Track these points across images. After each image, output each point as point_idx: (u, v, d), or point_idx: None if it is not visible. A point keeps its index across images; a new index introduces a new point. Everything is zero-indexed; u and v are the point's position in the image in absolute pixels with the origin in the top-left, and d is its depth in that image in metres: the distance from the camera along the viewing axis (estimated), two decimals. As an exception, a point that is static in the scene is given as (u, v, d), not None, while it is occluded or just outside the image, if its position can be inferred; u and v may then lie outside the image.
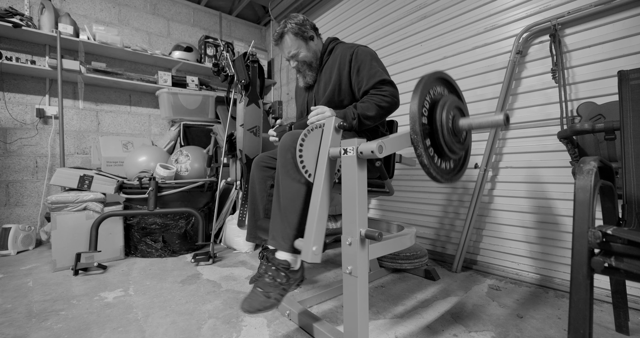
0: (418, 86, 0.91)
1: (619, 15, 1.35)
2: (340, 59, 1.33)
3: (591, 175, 0.71)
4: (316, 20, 2.96)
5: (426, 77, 0.94)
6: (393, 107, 1.25)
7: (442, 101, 0.95)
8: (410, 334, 1.09)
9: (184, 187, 2.09)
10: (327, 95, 1.36)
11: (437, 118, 0.93)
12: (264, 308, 0.95)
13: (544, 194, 1.54)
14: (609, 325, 1.14)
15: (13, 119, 2.40)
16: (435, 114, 0.93)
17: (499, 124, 0.87)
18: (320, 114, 1.19)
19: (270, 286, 0.99)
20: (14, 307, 1.30)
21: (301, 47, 1.36)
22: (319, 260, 0.95)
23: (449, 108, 0.94)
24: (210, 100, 2.82)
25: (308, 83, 1.44)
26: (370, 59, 1.28)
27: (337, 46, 1.40)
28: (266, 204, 1.33)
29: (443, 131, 0.93)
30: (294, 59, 1.38)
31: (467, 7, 1.83)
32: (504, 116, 0.85)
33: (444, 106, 0.94)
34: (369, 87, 1.25)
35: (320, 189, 0.94)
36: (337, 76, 1.33)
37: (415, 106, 0.88)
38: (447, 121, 0.93)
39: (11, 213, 2.39)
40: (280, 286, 1.00)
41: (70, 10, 2.63)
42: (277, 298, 0.98)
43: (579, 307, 0.68)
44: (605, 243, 0.69)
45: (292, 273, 1.04)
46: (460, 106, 1.00)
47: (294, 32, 1.33)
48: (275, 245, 1.06)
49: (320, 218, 0.95)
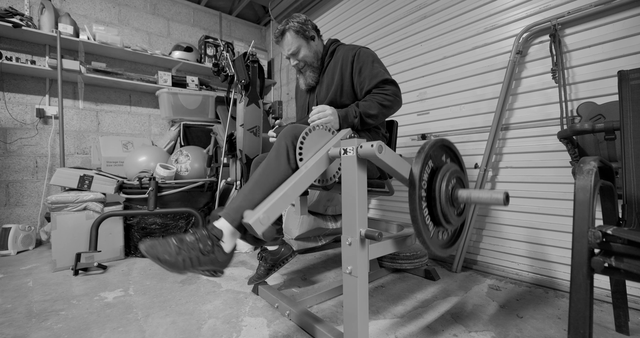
0: (421, 152, 0.92)
1: (619, 15, 1.35)
2: (342, 60, 1.34)
3: (591, 175, 0.71)
4: (316, 20, 2.96)
5: (430, 143, 0.95)
6: (395, 105, 1.25)
7: (444, 169, 0.96)
8: (410, 334, 1.09)
9: (184, 187, 2.09)
10: (329, 96, 1.36)
11: (437, 186, 0.93)
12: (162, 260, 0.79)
13: (544, 194, 1.54)
14: (609, 325, 1.14)
15: (13, 119, 2.40)
16: (435, 181, 0.93)
17: (498, 203, 0.85)
18: (321, 112, 1.19)
19: (186, 245, 0.83)
20: (14, 307, 1.30)
21: (302, 46, 1.36)
22: (260, 230, 0.81)
23: (450, 177, 0.94)
24: (210, 100, 2.82)
25: (310, 84, 1.44)
26: (372, 60, 1.29)
27: (338, 48, 1.41)
28: None
29: (441, 199, 0.92)
30: (294, 57, 1.38)
31: (467, 7, 1.83)
32: (503, 195, 0.84)
33: (445, 175, 0.94)
34: (371, 87, 1.26)
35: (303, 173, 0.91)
36: (340, 78, 1.34)
37: (417, 170, 0.88)
38: (446, 190, 0.93)
39: (11, 213, 2.39)
40: (197, 251, 0.83)
41: (70, 10, 2.63)
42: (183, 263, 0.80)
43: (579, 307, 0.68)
44: (605, 243, 0.69)
45: (218, 249, 0.87)
46: (461, 176, 1.00)
47: (295, 30, 1.34)
48: (223, 214, 0.91)
49: (286, 195, 0.87)
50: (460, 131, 1.88)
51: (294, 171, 0.99)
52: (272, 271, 1.37)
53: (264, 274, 1.36)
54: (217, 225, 0.89)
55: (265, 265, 1.36)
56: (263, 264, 1.36)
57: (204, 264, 0.84)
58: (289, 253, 1.39)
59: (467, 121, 1.85)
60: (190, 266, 0.81)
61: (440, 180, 0.93)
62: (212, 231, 0.88)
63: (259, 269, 1.37)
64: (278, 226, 1.36)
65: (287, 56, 1.40)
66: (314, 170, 0.94)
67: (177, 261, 0.80)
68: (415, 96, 2.10)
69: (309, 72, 1.41)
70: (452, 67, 1.90)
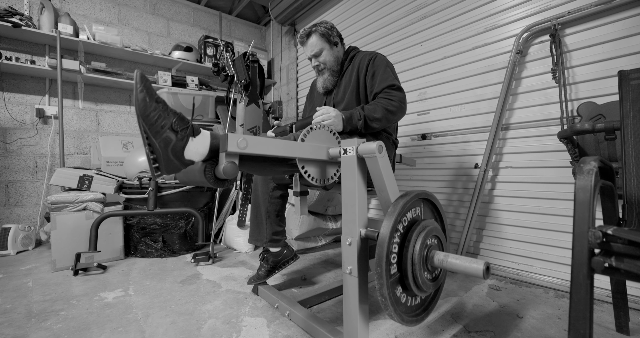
0: (397, 204, 0.80)
1: (619, 15, 1.35)
2: (360, 64, 1.38)
3: (591, 175, 0.71)
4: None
5: (411, 196, 0.84)
6: (399, 112, 1.27)
7: (421, 226, 0.84)
8: (410, 334, 1.09)
9: (183, 187, 2.09)
10: (346, 98, 1.40)
11: (410, 248, 0.80)
12: None
13: (544, 194, 1.54)
14: (609, 325, 1.14)
15: (13, 119, 2.39)
16: (409, 241, 0.81)
17: (476, 274, 0.72)
18: (325, 113, 1.20)
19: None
20: (14, 307, 1.30)
21: (324, 49, 1.40)
22: (231, 152, 0.78)
23: (426, 237, 0.82)
24: (210, 100, 2.82)
25: (327, 88, 1.47)
26: (385, 66, 1.34)
27: (357, 54, 1.45)
28: (268, 207, 1.34)
29: (414, 262, 0.80)
30: (315, 58, 1.43)
31: (467, 7, 1.83)
32: (484, 267, 0.71)
33: (420, 234, 0.82)
34: (379, 90, 1.29)
35: None
36: (356, 81, 1.38)
37: (388, 229, 0.76)
38: (420, 253, 0.80)
39: (11, 213, 2.39)
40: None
41: (70, 10, 2.63)
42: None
43: (579, 307, 0.68)
44: (606, 243, 0.69)
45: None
46: (440, 236, 0.88)
47: (321, 33, 1.39)
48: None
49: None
50: (460, 131, 1.88)
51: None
52: (272, 273, 1.37)
53: (265, 275, 1.36)
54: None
55: (267, 266, 1.36)
56: (264, 265, 1.36)
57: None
58: (291, 255, 1.40)
59: (467, 121, 1.84)
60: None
61: (415, 240, 0.81)
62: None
63: (259, 270, 1.37)
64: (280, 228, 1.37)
65: (309, 56, 1.44)
66: None
67: None
68: (416, 96, 2.10)
69: (328, 75, 1.45)
70: (452, 67, 1.90)
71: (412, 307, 0.87)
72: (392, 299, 0.78)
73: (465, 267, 0.74)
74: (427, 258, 0.82)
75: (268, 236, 1.34)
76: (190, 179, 0.82)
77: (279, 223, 1.37)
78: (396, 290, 0.80)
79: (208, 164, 0.77)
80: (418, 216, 0.88)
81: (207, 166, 0.77)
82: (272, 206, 1.34)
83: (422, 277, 0.81)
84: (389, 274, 0.77)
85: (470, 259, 0.75)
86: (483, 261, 0.73)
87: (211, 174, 0.77)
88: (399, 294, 0.81)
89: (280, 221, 1.37)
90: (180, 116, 0.74)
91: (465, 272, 0.74)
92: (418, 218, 0.88)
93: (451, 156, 1.93)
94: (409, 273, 0.80)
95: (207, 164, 0.77)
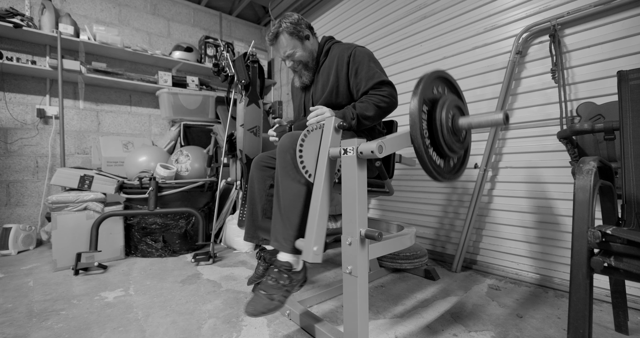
0: (418, 85, 0.91)
1: (618, 16, 1.35)
2: (338, 60, 1.33)
3: (591, 175, 0.72)
4: (316, 21, 2.97)
5: (426, 77, 0.94)
6: (391, 107, 1.25)
7: (442, 100, 0.95)
8: (410, 334, 1.10)
9: (184, 187, 2.09)
10: (324, 96, 1.36)
11: (437, 117, 0.93)
12: (267, 310, 0.95)
13: (544, 194, 1.55)
14: (608, 324, 1.14)
15: (14, 119, 2.40)
16: (435, 113, 0.93)
17: (498, 123, 0.86)
18: (319, 114, 1.19)
19: (273, 289, 0.99)
20: (15, 307, 1.30)
21: (297, 47, 1.34)
22: (320, 259, 0.95)
23: (449, 107, 0.94)
24: (210, 100, 2.82)
25: (304, 83, 1.43)
26: (368, 60, 1.28)
27: (333, 46, 1.39)
28: (264, 204, 1.33)
29: (443, 130, 0.92)
30: (289, 59, 1.37)
31: (467, 7, 1.83)
32: (503, 115, 0.84)
33: (444, 105, 0.94)
34: (367, 88, 1.26)
35: (321, 190, 0.94)
36: (335, 78, 1.33)
37: (415, 105, 0.88)
38: (446, 120, 0.93)
39: (12, 213, 2.39)
40: (284, 288, 1.00)
41: (71, 11, 2.63)
42: (281, 300, 0.98)
43: (579, 306, 0.68)
44: (605, 243, 0.69)
45: (295, 274, 1.04)
46: (460, 105, 1.00)
47: (289, 31, 1.31)
48: (277, 246, 1.06)
49: (321, 218, 0.95)
50: (460, 131, 1.88)
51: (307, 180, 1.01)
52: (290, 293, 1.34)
53: (263, 274, 1.35)
54: (282, 259, 1.05)
55: (264, 265, 1.35)
56: (262, 263, 1.36)
57: (293, 290, 1.03)
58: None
59: (467, 121, 1.85)
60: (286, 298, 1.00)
61: (440, 111, 0.93)
62: (282, 267, 1.03)
63: (257, 269, 1.37)
64: None
65: (282, 58, 1.39)
66: (327, 182, 0.95)
67: (277, 304, 0.97)
68: (415, 96, 2.10)
69: (304, 70, 1.40)
70: (452, 67, 1.90)
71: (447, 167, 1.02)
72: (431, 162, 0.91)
73: (487, 120, 0.88)
74: (453, 124, 0.94)
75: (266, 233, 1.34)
76: None
77: None
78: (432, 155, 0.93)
79: None
80: (438, 94, 0.99)
81: None
82: (268, 204, 1.32)
83: (451, 140, 0.95)
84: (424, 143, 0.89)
85: (489, 113, 0.88)
86: (502, 111, 0.86)
87: None
88: (434, 158, 0.94)
89: None
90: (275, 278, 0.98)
91: (488, 124, 0.88)
92: (438, 96, 0.99)
93: (451, 156, 1.93)
94: (440, 138, 0.93)
95: None
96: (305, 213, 1.02)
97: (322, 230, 0.96)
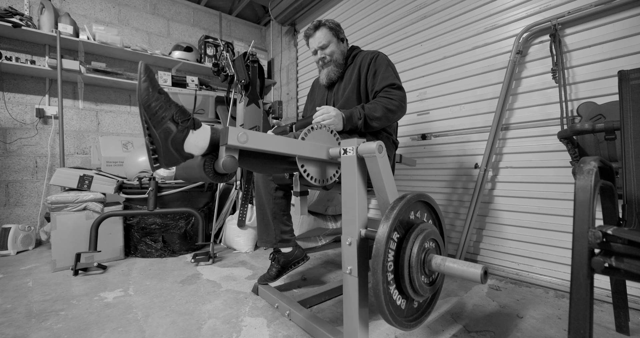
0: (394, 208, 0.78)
1: (619, 15, 1.35)
2: (361, 63, 1.40)
3: (591, 175, 0.71)
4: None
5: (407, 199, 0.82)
6: (400, 111, 1.27)
7: (419, 229, 0.82)
8: (410, 334, 1.09)
9: (183, 187, 2.09)
10: (346, 95, 1.40)
11: (407, 252, 0.79)
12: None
13: (544, 194, 1.54)
14: (609, 325, 1.14)
15: (13, 119, 2.39)
16: (407, 244, 0.79)
17: (474, 279, 0.71)
18: (325, 114, 1.20)
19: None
20: (14, 307, 1.30)
21: (332, 42, 1.41)
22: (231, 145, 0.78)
23: (424, 240, 0.81)
24: (210, 100, 2.82)
25: (331, 79, 1.46)
26: (386, 64, 1.34)
27: (359, 53, 1.46)
28: (273, 207, 1.34)
29: (411, 267, 0.78)
30: (322, 50, 1.42)
31: (467, 7, 1.83)
32: (481, 271, 0.70)
33: (418, 237, 0.81)
34: (379, 89, 1.30)
35: None
36: (357, 79, 1.39)
37: (384, 232, 0.75)
38: (417, 257, 0.79)
39: (11, 213, 2.39)
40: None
41: (70, 10, 2.63)
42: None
43: (579, 307, 0.68)
44: (606, 243, 0.69)
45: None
46: (438, 239, 0.86)
47: (330, 27, 1.40)
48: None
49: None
50: (460, 131, 1.88)
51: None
52: (283, 273, 1.38)
53: (275, 275, 1.36)
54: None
55: (277, 267, 1.36)
56: (275, 265, 1.37)
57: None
58: (302, 256, 1.40)
59: (467, 121, 1.84)
60: None
61: (412, 244, 0.79)
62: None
63: (270, 270, 1.38)
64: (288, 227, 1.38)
65: (315, 48, 1.43)
66: None
67: None
68: (416, 96, 2.10)
69: (333, 66, 1.44)
70: (452, 67, 1.90)
71: (409, 310, 0.85)
72: (388, 303, 0.76)
73: (463, 271, 0.73)
74: (424, 262, 0.81)
75: (277, 236, 1.35)
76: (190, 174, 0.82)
77: (286, 223, 1.37)
78: (392, 294, 0.79)
79: (208, 159, 0.77)
80: (416, 219, 0.87)
81: (206, 160, 0.77)
82: (277, 207, 1.34)
83: (419, 281, 0.79)
84: (385, 278, 0.76)
85: (468, 263, 0.74)
86: (481, 265, 0.72)
87: (211, 168, 0.77)
88: (395, 297, 0.79)
89: (287, 220, 1.38)
90: (182, 108, 0.74)
91: (463, 277, 0.73)
92: (416, 221, 0.87)
93: (451, 156, 1.93)
94: (405, 277, 0.78)
95: (207, 159, 0.77)
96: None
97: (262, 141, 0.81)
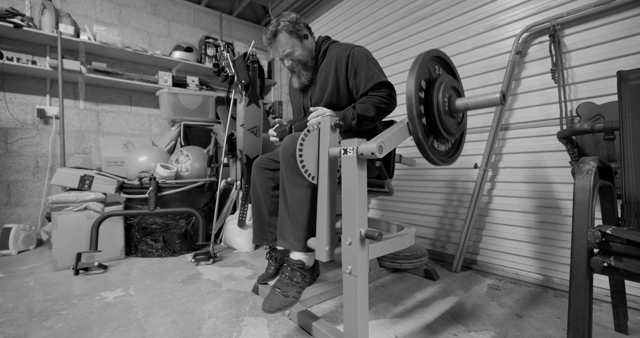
0: (415, 65, 0.90)
1: (618, 16, 1.35)
2: (337, 60, 1.31)
3: (590, 175, 0.72)
4: (316, 21, 2.97)
5: (422, 56, 0.93)
6: (390, 107, 1.26)
7: (439, 81, 0.95)
8: (410, 334, 1.10)
9: (184, 187, 2.09)
10: (325, 99, 1.34)
11: (434, 99, 0.92)
12: (283, 307, 1.01)
13: (544, 194, 1.55)
14: (608, 324, 1.14)
15: (14, 119, 2.40)
16: (432, 94, 0.93)
17: (495, 103, 0.86)
18: (320, 115, 1.19)
19: (287, 286, 1.05)
20: (15, 307, 1.30)
21: (296, 46, 1.31)
22: (333, 257, 0.98)
23: (445, 88, 0.93)
24: (210, 100, 2.83)
25: (303, 83, 1.40)
26: (367, 61, 1.27)
27: (331, 46, 1.38)
28: (270, 206, 1.34)
29: (439, 111, 0.92)
30: (288, 58, 1.34)
31: (466, 7, 1.83)
32: (500, 95, 0.84)
33: (440, 86, 0.93)
34: (367, 90, 1.25)
35: (326, 191, 0.95)
36: (335, 79, 1.31)
37: (412, 86, 0.87)
38: (443, 102, 0.92)
39: (12, 213, 2.39)
40: (297, 285, 1.06)
41: (71, 11, 2.63)
42: (295, 296, 1.04)
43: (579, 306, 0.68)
44: (605, 243, 0.69)
45: (307, 271, 1.09)
46: (456, 85, 1.00)
47: (288, 30, 1.29)
48: (288, 246, 1.09)
49: (330, 219, 0.97)
50: (460, 131, 1.88)
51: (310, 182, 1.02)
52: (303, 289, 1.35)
53: (274, 273, 1.36)
54: (294, 258, 1.09)
55: (275, 265, 1.36)
56: (273, 263, 1.37)
57: (306, 286, 1.09)
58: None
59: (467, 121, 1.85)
60: (300, 294, 1.06)
61: (437, 92, 0.92)
62: (295, 265, 1.08)
63: (268, 268, 1.38)
64: None
65: (281, 57, 1.35)
66: (331, 182, 0.96)
67: (292, 300, 1.03)
68: (415, 96, 2.10)
69: (303, 70, 1.38)
70: (452, 67, 1.90)
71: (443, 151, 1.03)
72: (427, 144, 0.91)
73: (483, 100, 0.88)
74: (449, 105, 0.94)
75: (274, 234, 1.34)
76: None
77: None
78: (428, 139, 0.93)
79: None
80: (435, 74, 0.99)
81: None
82: (274, 205, 1.34)
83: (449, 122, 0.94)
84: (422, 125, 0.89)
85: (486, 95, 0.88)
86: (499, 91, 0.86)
87: None
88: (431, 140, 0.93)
89: None
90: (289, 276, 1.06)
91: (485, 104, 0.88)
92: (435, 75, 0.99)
93: (451, 156, 1.93)
94: (437, 120, 0.92)
95: None
96: (313, 213, 1.04)
97: (332, 229, 0.97)
